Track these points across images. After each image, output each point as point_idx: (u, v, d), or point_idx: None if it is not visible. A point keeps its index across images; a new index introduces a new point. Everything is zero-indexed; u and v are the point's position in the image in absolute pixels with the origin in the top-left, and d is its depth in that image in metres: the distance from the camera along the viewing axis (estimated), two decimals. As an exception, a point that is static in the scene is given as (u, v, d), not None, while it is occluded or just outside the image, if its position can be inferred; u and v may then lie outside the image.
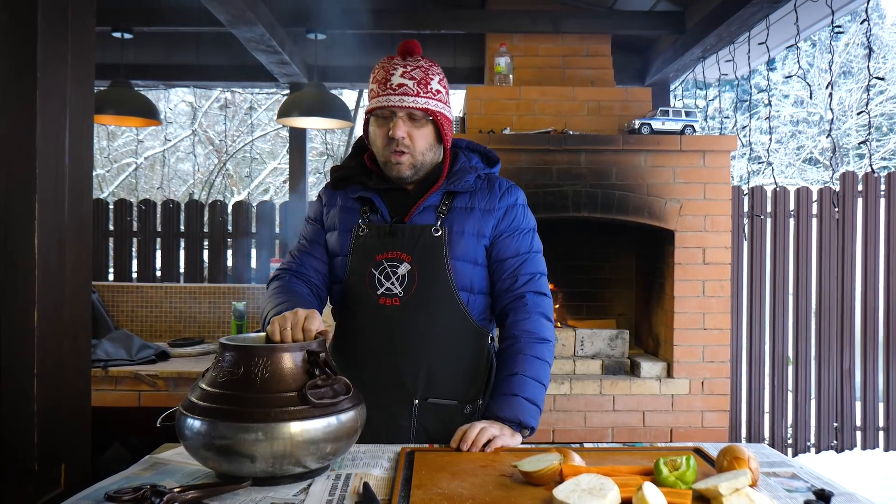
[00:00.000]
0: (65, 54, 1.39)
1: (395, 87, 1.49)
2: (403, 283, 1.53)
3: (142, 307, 3.99)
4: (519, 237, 1.60)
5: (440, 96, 1.54)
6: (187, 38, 4.50)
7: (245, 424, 1.10)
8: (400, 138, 1.50)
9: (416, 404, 1.54)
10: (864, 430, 4.30)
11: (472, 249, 1.56)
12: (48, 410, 1.34)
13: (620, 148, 3.28)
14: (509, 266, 1.58)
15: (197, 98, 11.39)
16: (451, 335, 1.55)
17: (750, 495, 1.01)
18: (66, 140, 1.40)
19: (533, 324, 1.54)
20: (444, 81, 1.58)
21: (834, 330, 4.25)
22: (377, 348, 1.55)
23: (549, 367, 1.55)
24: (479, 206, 1.59)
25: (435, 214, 1.57)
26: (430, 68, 1.54)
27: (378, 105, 1.51)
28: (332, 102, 3.66)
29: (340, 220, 1.63)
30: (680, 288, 3.32)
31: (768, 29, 3.19)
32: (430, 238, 1.54)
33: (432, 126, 1.54)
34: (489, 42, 3.97)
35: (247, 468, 1.12)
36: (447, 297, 1.54)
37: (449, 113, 1.58)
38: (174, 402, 3.18)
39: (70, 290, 1.41)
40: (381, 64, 1.55)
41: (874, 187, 4.26)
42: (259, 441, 1.10)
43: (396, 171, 1.54)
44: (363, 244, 1.57)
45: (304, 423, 1.12)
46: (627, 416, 3.32)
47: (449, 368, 1.56)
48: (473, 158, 1.66)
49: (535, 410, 1.47)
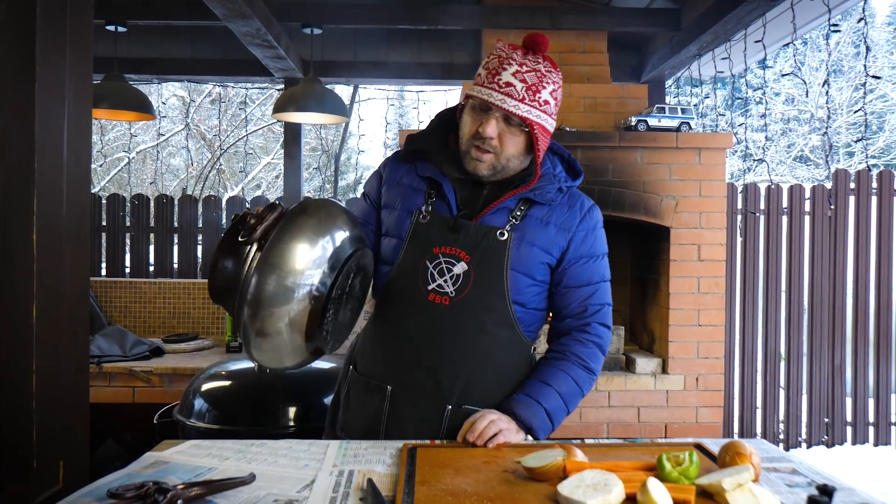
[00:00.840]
0: (63, 48, 1.38)
1: (502, 84, 1.37)
2: (457, 283, 1.44)
3: (135, 303, 3.97)
4: (593, 264, 1.51)
5: (546, 107, 1.41)
6: (181, 31, 4.47)
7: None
8: (488, 138, 1.40)
9: (449, 410, 1.46)
10: (854, 425, 4.33)
11: (535, 265, 1.47)
12: (47, 407, 1.33)
13: (617, 145, 3.28)
14: (581, 295, 1.50)
15: (189, 93, 11.33)
16: (496, 345, 1.47)
17: (753, 490, 1.02)
18: (65, 134, 1.38)
19: (587, 353, 1.49)
20: (558, 92, 1.44)
21: (826, 326, 4.28)
22: (419, 346, 1.46)
23: (581, 398, 1.50)
24: (557, 221, 1.49)
25: (507, 218, 1.46)
26: (547, 75, 1.40)
27: (479, 96, 1.40)
28: (328, 97, 3.65)
29: (403, 199, 1.52)
30: (675, 284, 3.33)
31: (765, 27, 3.21)
32: (493, 241, 1.44)
33: (526, 136, 1.42)
34: (486, 38, 3.97)
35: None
36: (499, 307, 1.45)
37: (550, 125, 1.44)
38: (169, 399, 3.20)
39: (69, 286, 1.40)
40: (499, 52, 1.42)
41: (866, 185, 4.29)
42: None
43: (474, 166, 1.44)
44: (423, 232, 1.47)
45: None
46: (622, 411, 3.34)
47: (489, 378, 1.48)
48: (557, 165, 1.54)
49: (549, 427, 1.44)
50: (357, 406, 1.55)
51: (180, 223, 4.71)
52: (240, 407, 2.07)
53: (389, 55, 4.57)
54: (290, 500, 1.08)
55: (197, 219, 4.73)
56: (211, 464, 1.24)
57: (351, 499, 1.09)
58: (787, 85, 14.43)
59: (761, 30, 3.21)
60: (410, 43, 4.58)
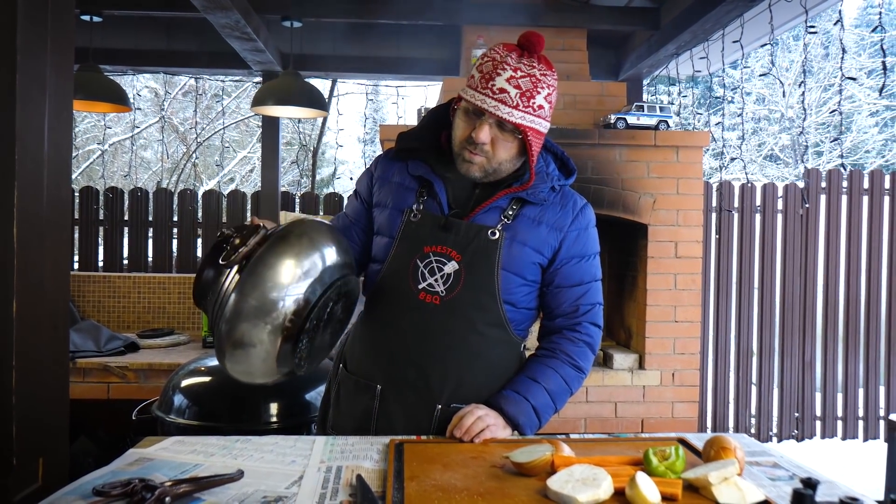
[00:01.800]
0: (45, 38, 1.35)
1: (496, 90, 1.35)
2: (448, 283, 1.44)
3: (109, 297, 3.91)
4: (585, 264, 1.51)
5: (541, 112, 1.40)
6: (157, 23, 4.40)
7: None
8: (481, 143, 1.39)
9: (439, 410, 1.46)
10: (823, 419, 4.44)
11: (526, 265, 1.47)
12: (26, 404, 1.31)
13: (596, 142, 3.31)
14: (572, 295, 1.50)
15: (162, 84, 11.15)
16: (486, 344, 1.47)
17: (738, 484, 1.04)
18: (46, 126, 1.36)
19: (577, 350, 1.50)
20: (553, 95, 1.43)
21: (797, 323, 4.38)
22: (409, 345, 1.47)
23: (569, 396, 1.50)
24: (549, 221, 1.48)
25: (499, 217, 1.46)
26: (542, 79, 1.39)
27: (472, 100, 1.38)
28: (308, 91, 3.62)
29: (394, 197, 1.52)
30: (652, 281, 3.37)
31: (742, 27, 3.25)
32: (484, 240, 1.43)
33: (519, 141, 1.42)
34: (466, 34, 3.97)
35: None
36: (490, 307, 1.45)
37: (544, 127, 1.43)
38: (145, 395, 3.15)
39: (49, 281, 1.37)
40: (493, 54, 1.39)
41: (837, 184, 4.38)
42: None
43: (466, 169, 1.44)
44: (414, 231, 1.47)
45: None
46: (600, 406, 3.37)
47: (478, 377, 1.48)
48: (550, 164, 1.53)
49: (536, 423, 1.45)
50: (347, 405, 1.56)
51: (155, 217, 4.65)
52: (221, 403, 2.05)
53: (369, 50, 4.55)
54: (279, 497, 1.08)
55: (172, 212, 4.67)
56: (196, 460, 1.23)
57: (340, 495, 1.08)
58: (757, 85, 14.67)
59: (739, 30, 3.26)
60: (390, 38, 4.56)
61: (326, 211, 4.74)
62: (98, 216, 4.68)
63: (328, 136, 9.29)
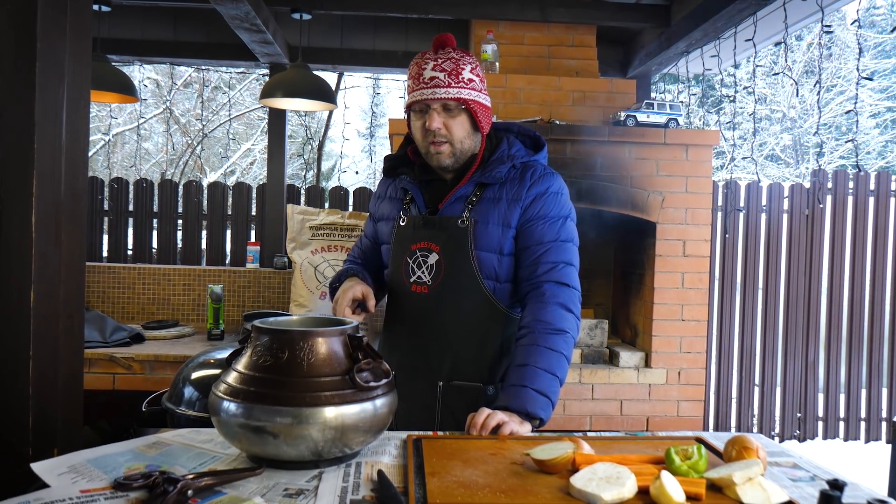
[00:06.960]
0: (63, 26, 1.34)
1: (427, 80, 1.55)
2: (432, 272, 1.62)
3: (114, 288, 3.90)
4: (544, 225, 1.60)
5: (473, 84, 1.57)
6: (165, 13, 4.37)
7: (297, 409, 1.10)
8: (436, 129, 1.56)
9: (441, 386, 1.62)
10: (825, 420, 4.44)
11: (497, 240, 1.60)
12: (43, 393, 1.31)
13: (606, 139, 3.30)
14: (531, 254, 1.60)
15: (168, 76, 11.12)
16: (477, 321, 1.62)
17: (762, 484, 1.03)
18: (64, 114, 1.35)
19: (549, 314, 1.52)
20: (478, 69, 1.60)
21: (800, 323, 4.37)
22: (409, 333, 1.67)
23: (567, 359, 1.53)
24: (507, 195, 1.62)
25: (464, 205, 1.63)
26: (461, 59, 1.57)
27: (414, 99, 1.58)
28: (317, 84, 3.60)
29: (388, 210, 1.74)
30: (660, 279, 3.37)
31: (755, 25, 3.24)
32: (455, 229, 1.61)
33: (467, 115, 1.58)
34: (475, 29, 3.95)
35: (294, 451, 1.11)
36: (472, 286, 1.60)
37: (484, 99, 1.61)
38: (151, 386, 3.14)
39: (66, 269, 1.36)
40: (415, 60, 1.60)
41: (843, 185, 4.37)
42: (311, 423, 1.10)
43: (437, 160, 1.61)
44: (402, 234, 1.67)
45: (353, 406, 1.13)
46: (605, 404, 3.37)
47: (474, 353, 1.63)
48: (516, 145, 1.67)
49: (546, 402, 1.46)
50: None
51: (160, 208, 4.63)
52: (230, 395, 2.03)
53: (376, 43, 4.53)
54: (300, 490, 1.07)
55: (177, 204, 4.66)
56: (215, 451, 1.23)
57: (362, 489, 1.08)
58: (759, 84, 14.64)
59: (752, 27, 3.24)
60: (398, 31, 4.54)
61: (332, 205, 4.72)
62: (103, 206, 4.67)
63: (334, 128, 9.26)
